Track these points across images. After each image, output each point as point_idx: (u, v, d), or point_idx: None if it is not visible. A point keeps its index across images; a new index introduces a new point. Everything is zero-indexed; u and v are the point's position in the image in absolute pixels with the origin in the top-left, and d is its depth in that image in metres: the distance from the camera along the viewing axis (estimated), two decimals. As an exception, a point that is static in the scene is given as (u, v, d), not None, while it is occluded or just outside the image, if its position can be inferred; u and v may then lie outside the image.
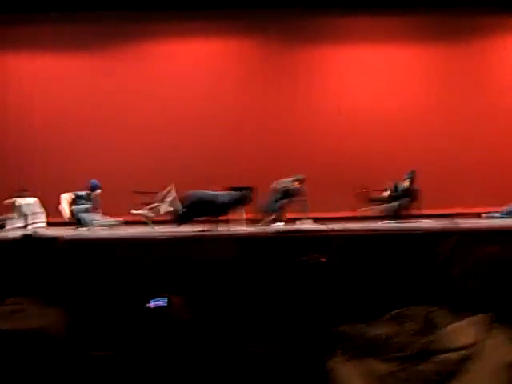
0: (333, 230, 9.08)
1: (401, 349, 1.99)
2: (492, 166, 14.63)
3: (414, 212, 12.86)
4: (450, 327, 2.02)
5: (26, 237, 3.50)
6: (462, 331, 2.01)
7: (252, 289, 4.28)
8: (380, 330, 2.05)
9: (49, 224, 12.82)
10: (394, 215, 12.68)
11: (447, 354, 1.97)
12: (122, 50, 14.91)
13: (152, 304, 3.48)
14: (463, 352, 1.97)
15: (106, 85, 14.86)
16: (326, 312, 3.86)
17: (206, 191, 12.10)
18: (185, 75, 14.95)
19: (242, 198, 12.05)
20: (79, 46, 14.84)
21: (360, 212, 13.12)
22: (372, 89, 15.01)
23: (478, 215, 13.10)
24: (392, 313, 2.11)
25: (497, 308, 3.03)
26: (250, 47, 15.18)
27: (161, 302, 3.32)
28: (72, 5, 14.10)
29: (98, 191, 12.99)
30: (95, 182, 13.00)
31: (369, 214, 13.04)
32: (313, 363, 2.95)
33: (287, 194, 12.62)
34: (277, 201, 12.55)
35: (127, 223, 12.59)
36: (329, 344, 2.13)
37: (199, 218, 11.84)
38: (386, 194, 13.10)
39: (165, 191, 12.25)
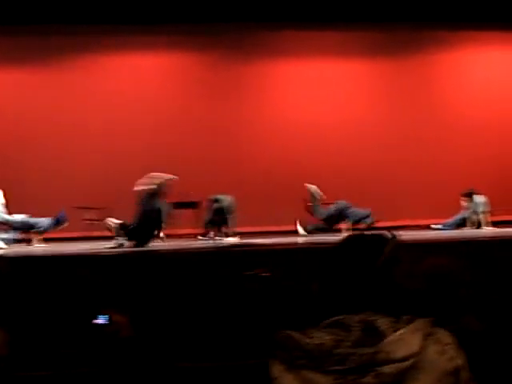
0: (277, 244, 9.11)
1: (341, 361, 1.92)
2: (439, 178, 14.83)
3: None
4: (391, 337, 1.93)
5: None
6: (404, 340, 1.93)
7: (198, 304, 4.26)
8: (317, 339, 1.96)
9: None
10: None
11: (390, 366, 1.90)
12: (67, 63, 14.73)
13: (95, 322, 3.46)
14: (407, 363, 1.90)
15: (52, 98, 14.67)
16: (271, 326, 3.86)
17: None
18: (132, 89, 14.82)
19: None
20: (23, 60, 14.64)
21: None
22: (318, 103, 15.10)
23: (428, 227, 13.37)
24: (328, 321, 2.01)
25: (437, 312, 3.08)
26: (198, 61, 15.14)
27: (103, 319, 3.29)
28: (15, 18, 13.89)
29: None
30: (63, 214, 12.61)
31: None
32: (258, 376, 2.95)
33: (222, 209, 12.63)
34: (217, 216, 12.55)
35: (76, 239, 12.47)
36: (267, 353, 2.09)
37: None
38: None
39: None
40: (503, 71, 15.62)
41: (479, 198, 13.28)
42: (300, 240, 11.78)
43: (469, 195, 13.40)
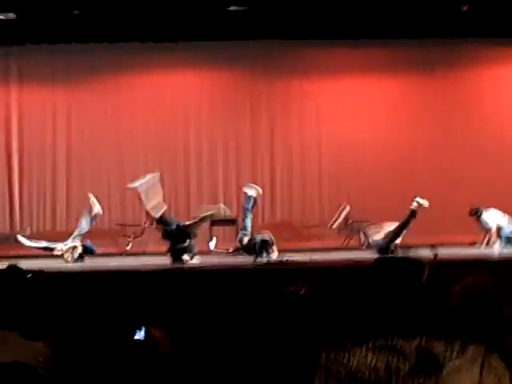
0: (314, 262, 9.08)
1: None
2: (478, 195, 14.64)
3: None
4: (450, 367, 1.80)
5: (7, 269, 3.51)
6: (464, 371, 1.80)
7: (234, 321, 4.28)
8: (365, 362, 1.84)
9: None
10: None
11: None
12: (104, 83, 14.86)
13: (134, 336, 3.49)
14: None
15: (89, 118, 14.82)
16: (309, 344, 3.86)
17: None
18: (167, 107, 14.92)
19: None
20: (58, 79, 14.78)
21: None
22: (353, 121, 15.02)
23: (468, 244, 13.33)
24: (376, 343, 1.87)
25: (480, 331, 3.05)
26: (234, 78, 15.15)
27: (141, 334, 3.33)
28: (49, 36, 14.03)
29: None
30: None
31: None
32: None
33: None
34: None
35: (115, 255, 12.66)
36: (311, 374, 2.02)
37: None
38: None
39: None
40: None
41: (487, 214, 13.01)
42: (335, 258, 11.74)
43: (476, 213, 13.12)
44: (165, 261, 10.98)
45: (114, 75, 14.86)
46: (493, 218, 12.92)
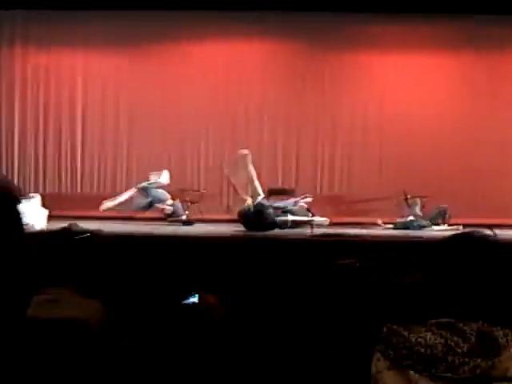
0: (368, 235, 9.01)
1: (452, 369, 1.77)
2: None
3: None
4: (509, 351, 1.77)
5: (65, 229, 3.53)
6: None
7: (288, 290, 4.26)
8: (424, 339, 1.82)
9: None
10: None
11: None
12: (159, 50, 14.87)
13: (186, 301, 3.49)
14: None
15: (147, 87, 14.89)
16: (364, 315, 3.82)
17: None
18: (224, 79, 14.88)
19: None
20: (114, 45, 14.88)
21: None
22: (402, 97, 14.82)
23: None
24: (438, 321, 1.86)
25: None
26: (288, 51, 15.03)
27: (194, 299, 3.32)
28: (104, 4, 14.14)
29: None
30: None
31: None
32: (350, 366, 2.92)
33: None
34: None
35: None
36: (369, 346, 1.97)
37: None
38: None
39: None
40: None
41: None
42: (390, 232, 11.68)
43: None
44: (221, 228, 11.08)
45: (173, 44, 14.90)
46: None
